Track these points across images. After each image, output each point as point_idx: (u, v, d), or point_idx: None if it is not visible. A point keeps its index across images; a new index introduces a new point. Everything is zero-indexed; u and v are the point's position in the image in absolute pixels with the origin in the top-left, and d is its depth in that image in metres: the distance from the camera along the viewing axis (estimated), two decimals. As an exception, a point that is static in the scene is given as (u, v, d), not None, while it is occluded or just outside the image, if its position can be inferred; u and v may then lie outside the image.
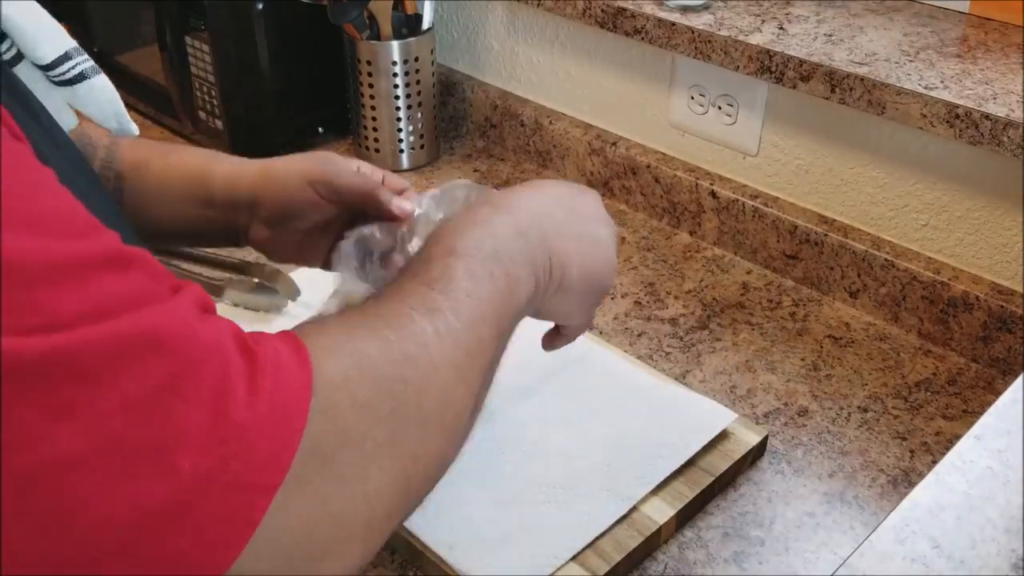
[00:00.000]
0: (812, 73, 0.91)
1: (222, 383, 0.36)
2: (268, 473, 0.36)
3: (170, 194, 0.71)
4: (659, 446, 0.75)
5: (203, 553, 0.34)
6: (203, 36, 1.15)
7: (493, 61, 1.28)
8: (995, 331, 0.88)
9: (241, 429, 0.35)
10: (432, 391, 0.45)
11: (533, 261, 0.55)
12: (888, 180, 0.95)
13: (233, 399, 0.36)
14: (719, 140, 1.07)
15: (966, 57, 0.91)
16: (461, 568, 0.66)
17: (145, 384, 0.33)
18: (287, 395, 0.38)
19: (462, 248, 0.52)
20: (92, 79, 0.56)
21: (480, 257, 0.51)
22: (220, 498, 0.35)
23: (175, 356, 0.35)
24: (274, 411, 0.37)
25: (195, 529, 0.34)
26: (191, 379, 0.35)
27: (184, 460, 0.34)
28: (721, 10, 1.02)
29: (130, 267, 0.36)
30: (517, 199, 0.59)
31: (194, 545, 0.34)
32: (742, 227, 1.05)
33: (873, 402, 0.86)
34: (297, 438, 0.37)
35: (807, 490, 0.77)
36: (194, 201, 0.71)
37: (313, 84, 1.26)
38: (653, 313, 0.97)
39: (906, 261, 0.93)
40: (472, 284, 0.50)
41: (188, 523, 0.34)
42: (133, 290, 0.35)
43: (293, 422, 0.37)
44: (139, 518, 0.33)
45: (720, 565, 0.70)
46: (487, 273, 0.51)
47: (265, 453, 0.36)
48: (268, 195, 0.69)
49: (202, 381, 0.35)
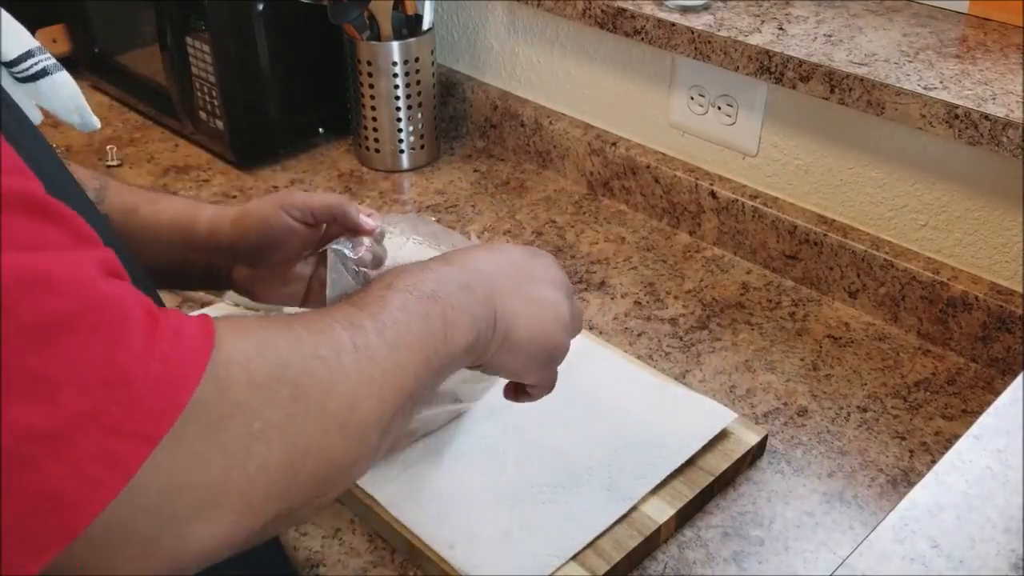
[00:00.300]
0: (812, 73, 0.91)
1: (117, 333, 0.37)
2: (150, 425, 0.37)
3: (157, 237, 0.73)
4: (659, 446, 0.75)
5: (77, 490, 0.35)
6: (203, 36, 1.15)
7: (493, 61, 1.29)
8: (994, 331, 0.88)
9: (129, 378, 0.37)
10: (338, 394, 0.45)
11: (474, 313, 0.56)
12: (887, 180, 0.95)
13: (126, 349, 0.37)
14: (719, 140, 1.07)
15: (965, 57, 0.91)
16: (461, 568, 0.66)
17: (39, 317, 0.35)
18: (182, 358, 0.39)
19: (401, 284, 0.53)
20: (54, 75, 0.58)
21: (418, 295, 0.52)
22: (99, 439, 0.36)
23: (73, 298, 0.36)
24: (166, 369, 0.38)
25: (72, 464, 0.35)
26: (86, 322, 0.36)
27: (67, 396, 0.35)
28: (721, 10, 1.02)
29: (48, 216, 0.37)
30: (470, 257, 0.61)
31: (69, 480, 0.35)
32: (742, 227, 1.05)
33: (872, 402, 0.86)
34: (185, 399, 0.38)
35: (806, 490, 0.77)
36: (180, 245, 0.73)
37: (313, 84, 1.26)
38: (653, 313, 0.97)
39: (905, 261, 0.93)
40: (404, 316, 0.50)
41: (65, 457, 0.35)
42: (44, 235, 0.36)
43: (183, 383, 0.38)
44: (16, 441, 0.34)
45: (720, 565, 0.71)
46: (422, 311, 0.52)
47: (150, 406, 0.37)
48: (247, 228, 0.72)
49: (97, 326, 0.36)
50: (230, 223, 0.73)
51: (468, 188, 1.20)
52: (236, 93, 1.18)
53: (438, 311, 0.53)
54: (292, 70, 1.22)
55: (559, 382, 0.83)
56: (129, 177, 1.20)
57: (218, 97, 1.18)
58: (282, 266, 0.74)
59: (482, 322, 0.56)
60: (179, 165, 1.24)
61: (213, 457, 0.39)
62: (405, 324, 0.50)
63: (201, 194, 1.16)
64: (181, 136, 1.30)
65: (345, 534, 0.73)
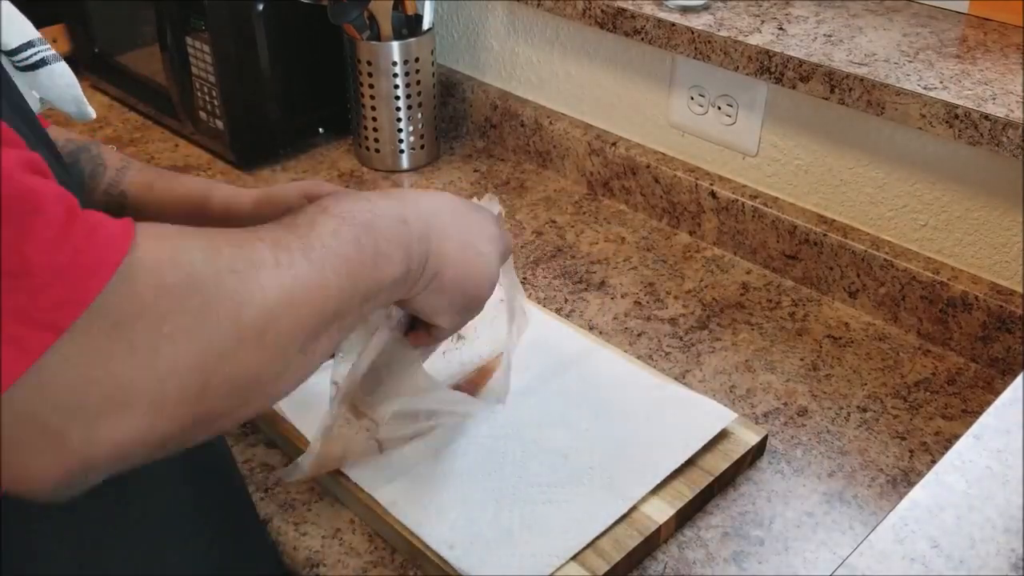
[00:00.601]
0: (811, 73, 0.91)
1: (27, 223, 0.38)
2: (53, 313, 0.38)
3: (170, 212, 0.74)
4: (659, 446, 0.75)
5: None
6: (203, 36, 1.15)
7: (493, 61, 1.29)
8: (994, 331, 0.88)
9: (34, 267, 0.38)
10: (252, 307, 0.45)
11: (408, 248, 0.56)
12: (887, 180, 0.95)
13: (35, 239, 0.38)
14: (719, 140, 1.07)
15: (965, 57, 0.91)
16: (461, 568, 0.66)
17: None
18: (93, 253, 0.40)
19: (336, 210, 0.52)
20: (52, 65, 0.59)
21: (351, 222, 0.52)
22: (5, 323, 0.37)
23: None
24: (73, 262, 0.39)
25: None
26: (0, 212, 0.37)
27: None
28: (721, 10, 1.02)
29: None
30: (411, 195, 0.61)
31: None
32: (742, 227, 1.05)
33: (872, 402, 0.86)
34: (91, 293, 0.39)
35: (806, 490, 0.77)
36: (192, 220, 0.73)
37: (313, 84, 1.26)
38: (653, 313, 0.97)
39: (905, 261, 0.93)
40: (333, 241, 0.50)
41: None
42: None
43: (91, 277, 0.39)
44: None
45: (720, 565, 0.71)
46: (354, 238, 0.51)
47: (54, 295, 0.38)
48: (267, 212, 0.72)
49: (8, 215, 0.37)
50: (251, 203, 0.73)
51: (468, 188, 1.20)
52: (236, 93, 1.18)
53: (370, 240, 0.53)
54: (292, 70, 1.22)
55: (558, 382, 0.83)
56: (129, 177, 1.21)
57: (218, 97, 1.18)
58: None
59: (415, 258, 0.56)
60: (179, 165, 1.24)
61: (120, 355, 0.40)
62: (334, 248, 0.50)
63: (201, 194, 1.17)
64: (181, 136, 1.30)
65: (345, 534, 0.73)
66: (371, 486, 0.73)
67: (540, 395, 0.81)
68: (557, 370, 0.84)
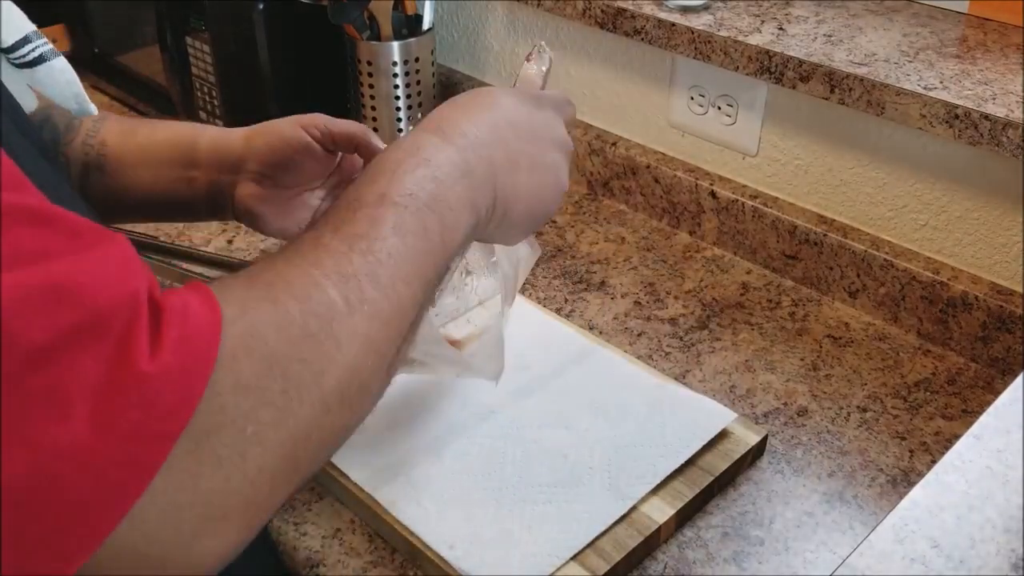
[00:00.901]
0: (811, 73, 0.91)
1: (125, 333, 0.36)
2: (167, 422, 0.36)
3: (154, 156, 0.71)
4: (659, 446, 0.75)
5: (101, 498, 0.35)
6: (203, 36, 1.15)
7: (493, 61, 1.29)
8: (994, 331, 0.88)
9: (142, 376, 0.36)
10: (334, 368, 0.42)
11: (475, 202, 0.52)
12: (887, 180, 0.95)
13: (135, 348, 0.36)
14: (719, 140, 1.07)
15: (965, 57, 0.91)
16: (461, 568, 0.66)
17: (49, 332, 0.34)
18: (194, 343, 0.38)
19: (397, 195, 0.48)
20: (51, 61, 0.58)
21: (415, 207, 0.48)
22: (117, 444, 0.35)
23: (81, 308, 0.35)
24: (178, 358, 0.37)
25: (95, 474, 0.35)
26: (94, 329, 0.35)
27: (82, 407, 0.34)
28: (721, 10, 1.02)
29: (50, 223, 0.36)
30: (468, 123, 0.55)
31: (93, 489, 0.35)
32: (742, 227, 1.05)
33: (872, 402, 0.86)
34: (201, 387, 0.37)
35: (806, 490, 0.77)
36: (178, 162, 0.71)
37: (313, 84, 1.26)
38: (653, 313, 0.97)
39: (905, 261, 0.93)
40: (399, 242, 0.47)
41: (88, 467, 0.34)
42: (48, 244, 0.36)
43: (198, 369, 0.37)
44: (41, 461, 0.34)
45: (720, 565, 0.71)
46: (420, 226, 0.48)
47: (166, 401, 0.36)
48: (260, 143, 0.70)
49: (106, 331, 0.35)
50: (242, 138, 0.71)
51: (468, 188, 1.20)
52: (236, 93, 1.18)
53: (435, 220, 0.49)
54: (292, 70, 1.22)
55: (558, 382, 0.83)
56: (129, 177, 1.21)
57: (218, 97, 1.18)
58: (291, 191, 0.71)
59: (482, 208, 0.53)
60: (179, 165, 1.24)
61: (208, 472, 0.38)
62: (401, 254, 0.46)
63: (201, 194, 1.16)
64: (181, 136, 1.30)
65: (345, 534, 0.73)
66: (371, 486, 0.73)
67: (540, 395, 0.81)
68: (557, 370, 0.84)
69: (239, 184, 0.71)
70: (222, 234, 1.08)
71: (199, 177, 0.72)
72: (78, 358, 0.34)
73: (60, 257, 0.36)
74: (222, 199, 0.72)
